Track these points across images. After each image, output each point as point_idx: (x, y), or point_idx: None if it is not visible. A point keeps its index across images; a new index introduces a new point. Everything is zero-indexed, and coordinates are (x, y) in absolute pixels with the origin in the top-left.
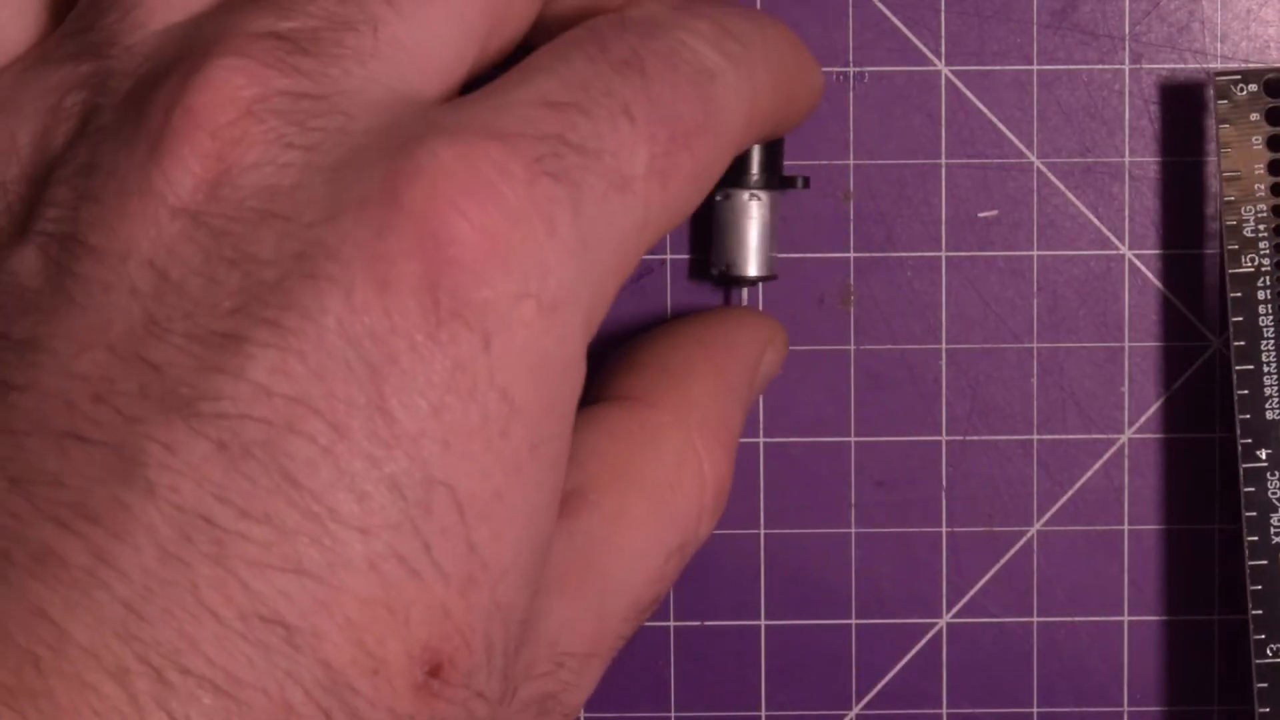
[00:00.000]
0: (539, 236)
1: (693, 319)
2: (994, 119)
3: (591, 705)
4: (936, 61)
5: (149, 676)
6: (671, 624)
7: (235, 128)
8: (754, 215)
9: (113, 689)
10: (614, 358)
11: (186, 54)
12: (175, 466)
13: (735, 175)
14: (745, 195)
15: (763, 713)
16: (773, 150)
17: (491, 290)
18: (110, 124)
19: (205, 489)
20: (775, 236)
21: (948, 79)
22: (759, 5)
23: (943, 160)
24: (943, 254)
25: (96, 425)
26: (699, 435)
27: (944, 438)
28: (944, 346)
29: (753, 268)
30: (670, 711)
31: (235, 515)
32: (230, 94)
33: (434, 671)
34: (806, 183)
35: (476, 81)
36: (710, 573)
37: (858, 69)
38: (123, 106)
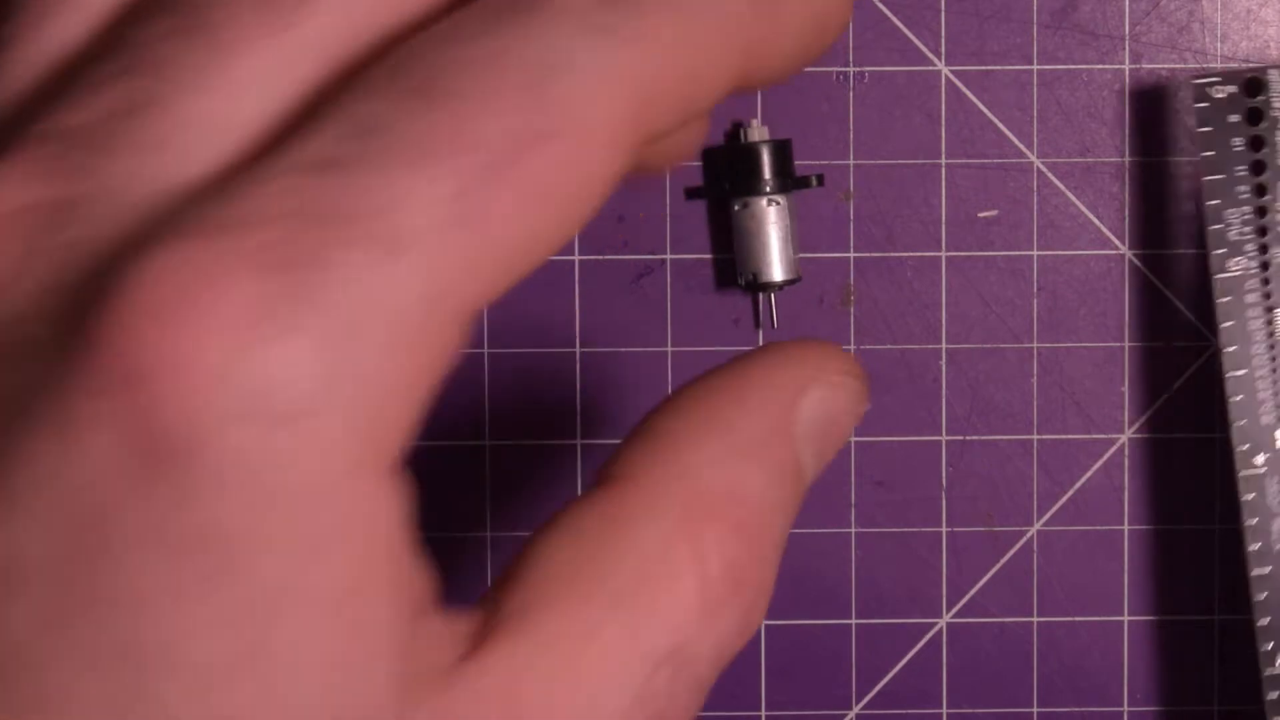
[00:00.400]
0: (265, 342)
1: (718, 367)
2: (994, 119)
3: None
4: (936, 61)
5: None
6: None
7: None
8: (774, 220)
9: None
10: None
11: None
12: None
13: (751, 183)
14: (764, 202)
15: (763, 713)
16: (784, 152)
17: (211, 417)
18: None
19: None
20: (795, 238)
21: (948, 79)
22: None
23: (943, 160)
24: (943, 254)
25: None
26: (693, 511)
27: (944, 438)
28: (944, 346)
29: (778, 273)
30: None
31: None
32: None
33: None
34: (820, 180)
35: None
36: None
37: (858, 69)
38: None
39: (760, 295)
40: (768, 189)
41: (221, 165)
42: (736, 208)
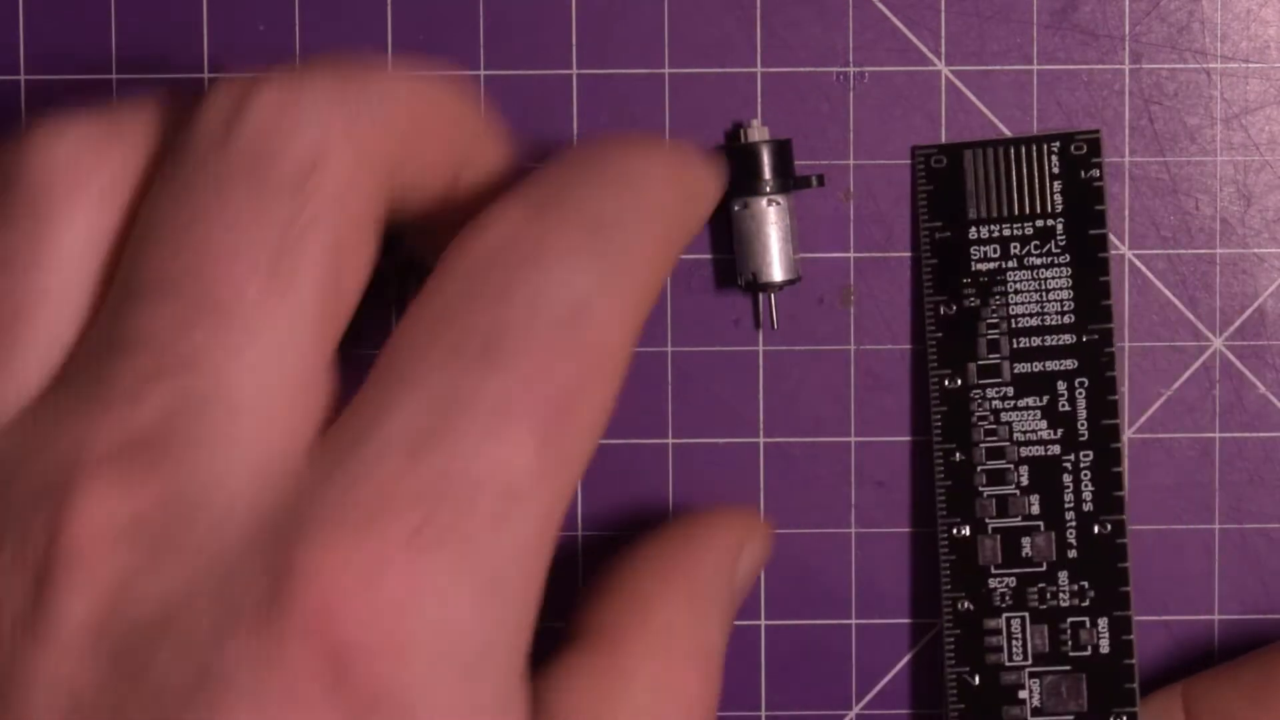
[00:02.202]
0: (435, 611)
1: (661, 534)
2: (994, 119)
3: None
4: (936, 61)
5: None
6: None
7: (117, 552)
8: (774, 221)
9: None
10: (586, 589)
11: (49, 473)
12: None
13: (751, 183)
14: (764, 202)
15: (763, 713)
16: (784, 152)
17: (405, 676)
18: None
19: None
20: (795, 239)
21: (948, 79)
22: (758, 7)
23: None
24: None
25: None
26: (676, 663)
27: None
28: None
29: (778, 273)
30: None
31: None
32: (102, 520)
33: None
34: (821, 180)
35: None
36: None
37: (858, 69)
38: None
39: (760, 295)
40: (768, 189)
41: (294, 446)
42: (736, 208)
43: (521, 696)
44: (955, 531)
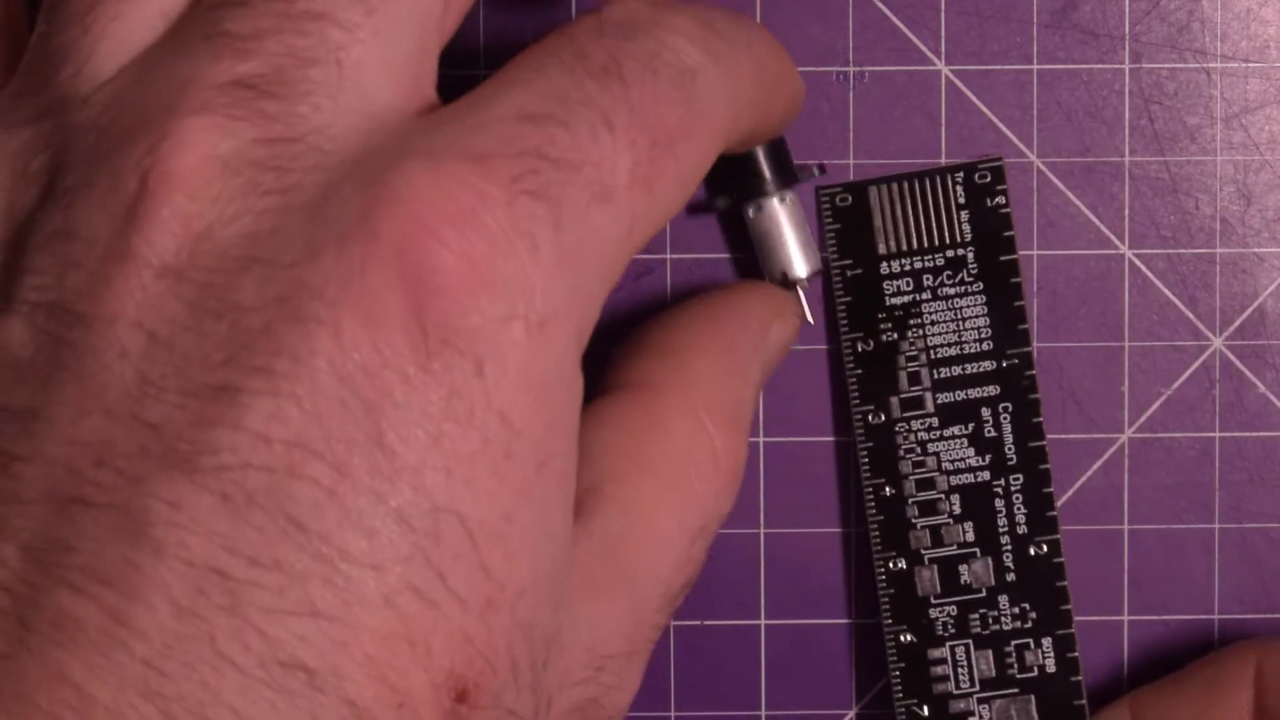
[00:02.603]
0: (522, 257)
1: (698, 298)
2: (994, 119)
3: None
4: (936, 61)
5: None
6: (671, 624)
7: (212, 186)
8: (789, 217)
9: None
10: (622, 344)
11: (152, 110)
12: (181, 523)
13: (757, 185)
14: (775, 201)
15: (763, 713)
16: (779, 150)
17: (479, 315)
18: (80, 184)
19: (213, 542)
20: (809, 228)
21: (948, 79)
22: (758, 6)
23: (943, 160)
24: None
25: (101, 489)
26: (708, 415)
27: None
28: None
29: (803, 268)
30: (670, 711)
31: (245, 565)
32: (203, 152)
33: (460, 697)
34: (822, 169)
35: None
36: (710, 573)
37: (858, 69)
38: (90, 164)
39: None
40: (776, 188)
41: (400, 101)
42: (751, 213)
43: (577, 382)
44: (891, 565)
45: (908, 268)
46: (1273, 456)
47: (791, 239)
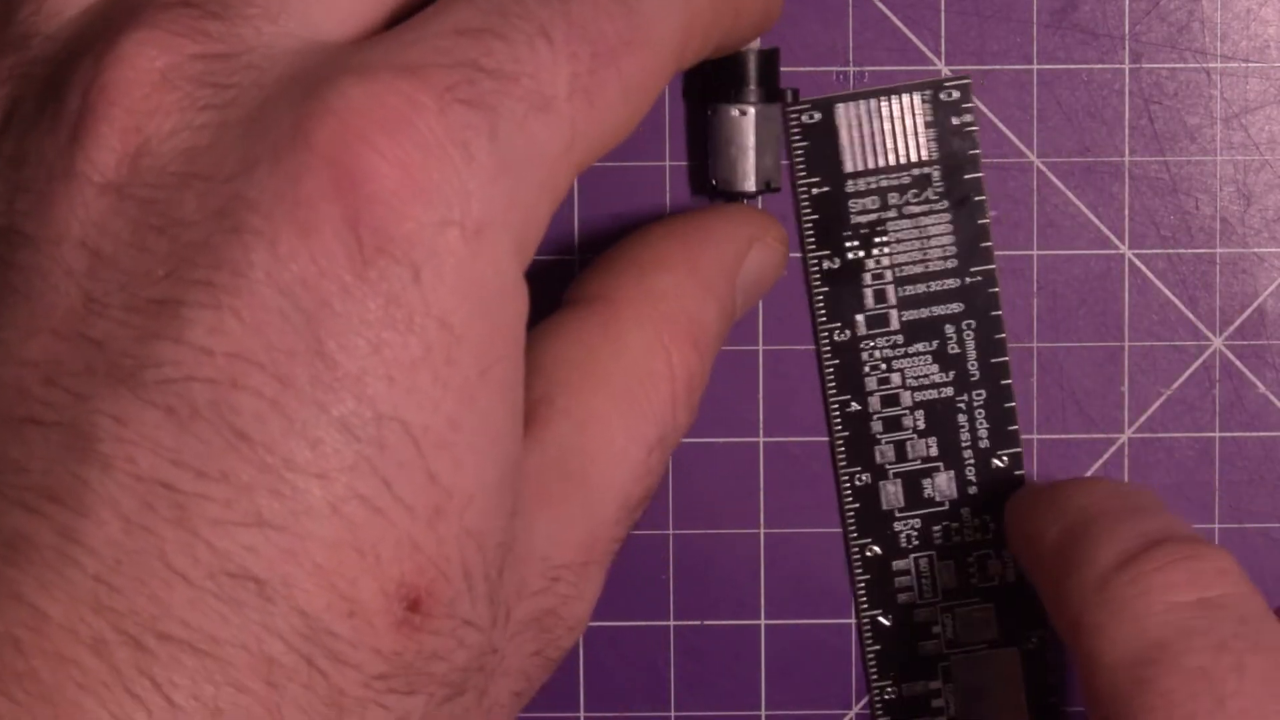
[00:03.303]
0: (456, 163)
1: (672, 217)
2: (994, 119)
3: (591, 703)
4: (936, 61)
5: (128, 645)
6: (671, 624)
7: (150, 99)
8: (743, 129)
9: (93, 661)
10: (591, 263)
11: (102, 33)
12: (128, 438)
13: (725, 89)
14: (733, 110)
15: (763, 712)
16: (765, 62)
17: (414, 222)
18: (32, 112)
19: (160, 456)
20: (774, 148)
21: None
22: None
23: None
24: None
25: (50, 407)
26: (665, 328)
27: None
28: None
29: (748, 182)
30: (670, 711)
31: (192, 477)
32: (143, 66)
33: (413, 606)
34: (795, 96)
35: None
36: (710, 572)
37: (858, 69)
38: (43, 93)
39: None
40: (737, 97)
41: (343, 34)
42: (708, 114)
43: (520, 291)
44: (857, 480)
45: (874, 186)
46: (1273, 456)
47: (740, 151)
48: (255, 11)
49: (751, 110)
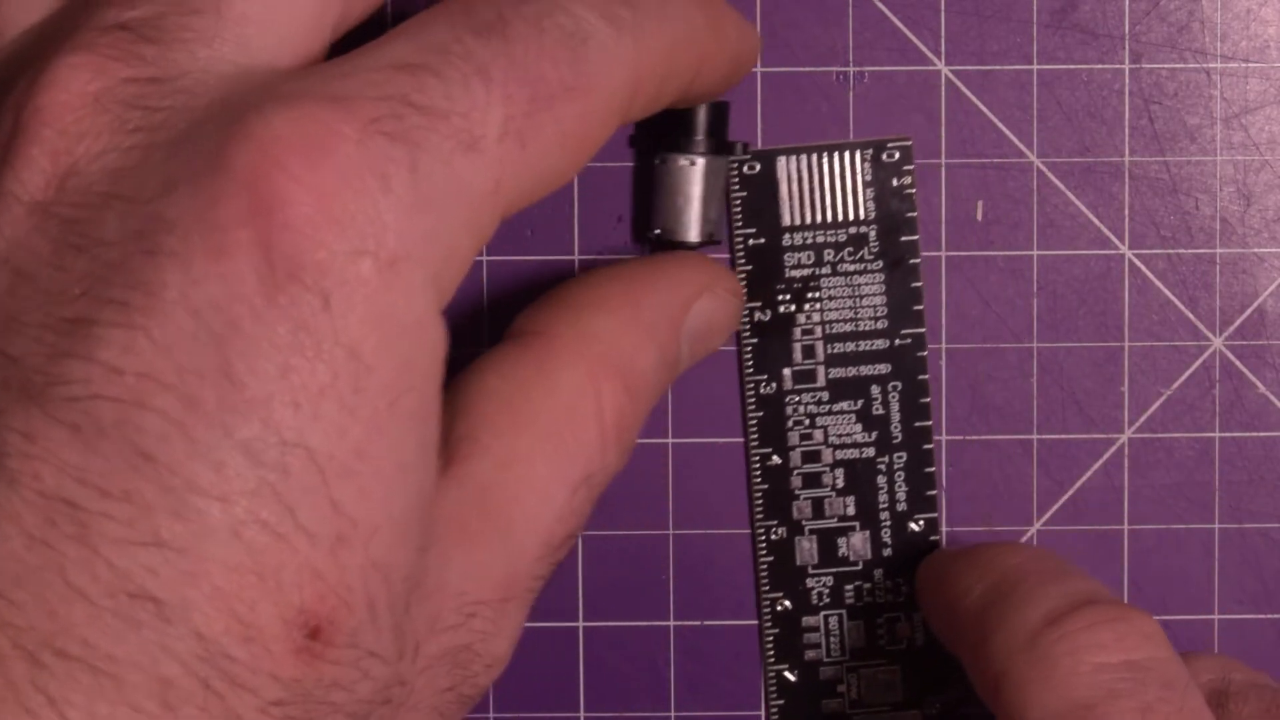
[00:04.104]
0: (373, 194)
1: (627, 260)
2: (994, 119)
3: (591, 703)
4: (936, 61)
5: (25, 661)
6: (671, 624)
7: (81, 122)
8: (690, 180)
9: None
10: (535, 301)
11: (38, 56)
12: (34, 454)
13: (674, 139)
14: (682, 160)
15: (762, 713)
16: (715, 115)
17: (326, 250)
18: None
19: (65, 473)
20: (719, 201)
21: (948, 79)
22: (758, 6)
23: (942, 160)
24: (942, 254)
25: None
26: (596, 368)
27: (944, 437)
28: (944, 346)
29: (691, 233)
30: (670, 711)
31: (96, 496)
32: (76, 90)
33: (314, 634)
34: (746, 148)
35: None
36: (711, 572)
37: (858, 69)
38: None
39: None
40: (687, 147)
41: (280, 60)
42: (656, 163)
43: (435, 327)
44: (772, 534)
45: (810, 241)
46: (1273, 456)
47: (686, 201)
48: (191, 36)
49: (700, 161)
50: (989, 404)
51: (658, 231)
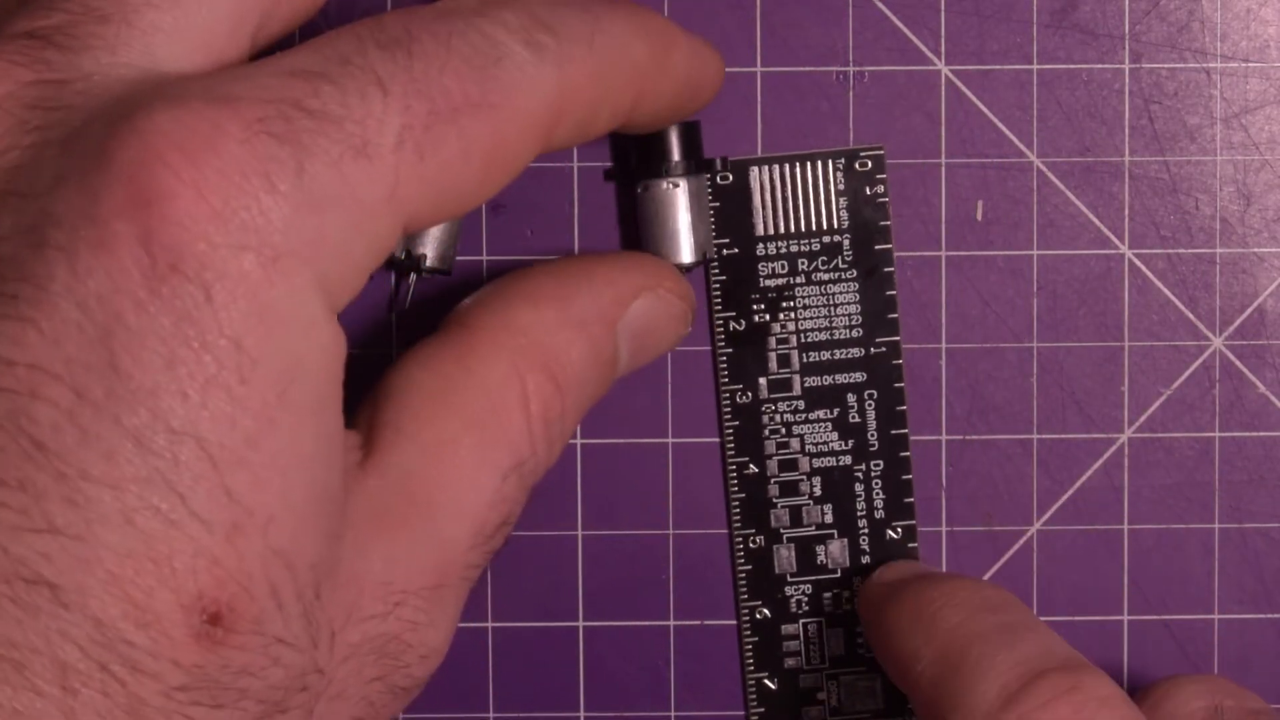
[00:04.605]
0: (256, 192)
1: (566, 256)
2: (994, 119)
3: (591, 703)
4: (936, 61)
5: None
6: (672, 624)
7: None
8: (676, 203)
9: None
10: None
11: None
12: None
13: (652, 165)
14: (664, 185)
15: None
16: (688, 135)
17: (206, 243)
18: None
19: None
20: (705, 219)
21: (948, 79)
22: (758, 6)
23: (942, 160)
24: (942, 253)
25: None
26: (520, 360)
27: (944, 437)
28: (944, 346)
29: (684, 255)
30: (670, 711)
31: None
32: None
33: (214, 620)
34: (725, 163)
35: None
36: (711, 572)
37: (858, 69)
38: None
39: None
40: (667, 171)
41: (190, 67)
42: (639, 191)
43: (325, 326)
44: (750, 543)
45: (784, 250)
46: (1273, 456)
47: (678, 224)
48: (98, 43)
49: (683, 183)
50: (989, 404)
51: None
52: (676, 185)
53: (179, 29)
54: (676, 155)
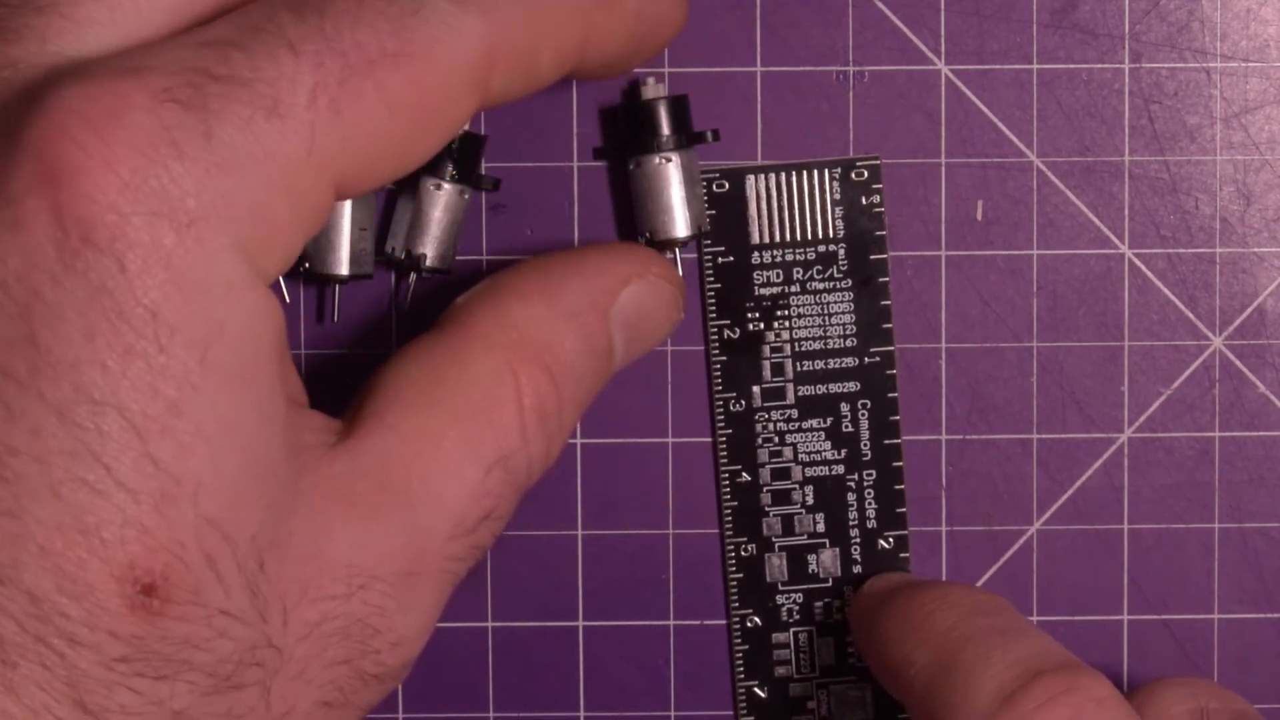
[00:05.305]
0: (165, 159)
1: (555, 251)
2: (994, 119)
3: (591, 703)
4: (936, 61)
5: None
6: (672, 624)
7: None
8: (669, 178)
9: None
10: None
11: None
12: None
13: (642, 141)
14: (656, 160)
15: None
16: (677, 108)
17: (116, 214)
18: None
19: None
20: (698, 193)
21: (948, 78)
22: (758, 6)
23: (942, 160)
24: (942, 253)
25: None
26: (512, 354)
27: (944, 437)
28: (944, 346)
29: (679, 229)
30: (670, 711)
31: None
32: None
33: (148, 590)
34: (716, 135)
35: None
36: (710, 572)
37: (858, 68)
38: None
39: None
40: (659, 145)
41: (112, 51)
42: (631, 167)
43: (248, 289)
44: (742, 551)
45: (779, 259)
46: (1273, 456)
47: (671, 198)
48: (29, 33)
49: (675, 156)
50: (989, 404)
51: (646, 234)
52: (669, 160)
53: (114, 21)
54: (667, 130)
